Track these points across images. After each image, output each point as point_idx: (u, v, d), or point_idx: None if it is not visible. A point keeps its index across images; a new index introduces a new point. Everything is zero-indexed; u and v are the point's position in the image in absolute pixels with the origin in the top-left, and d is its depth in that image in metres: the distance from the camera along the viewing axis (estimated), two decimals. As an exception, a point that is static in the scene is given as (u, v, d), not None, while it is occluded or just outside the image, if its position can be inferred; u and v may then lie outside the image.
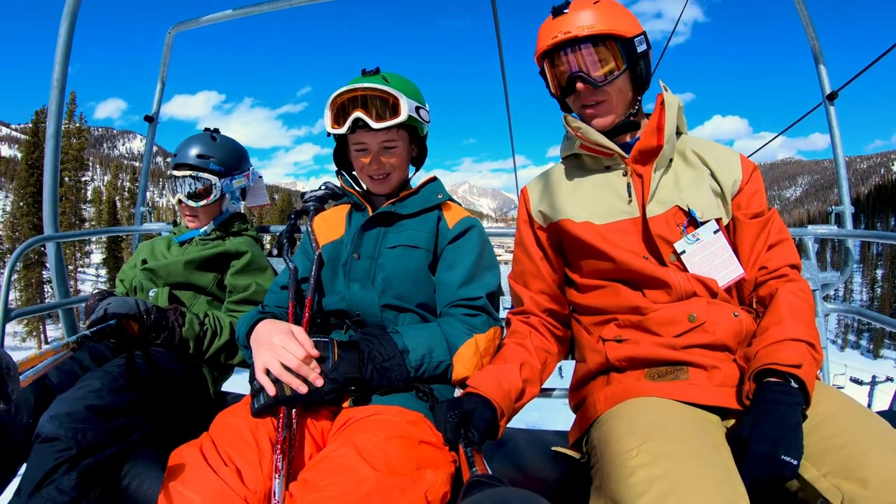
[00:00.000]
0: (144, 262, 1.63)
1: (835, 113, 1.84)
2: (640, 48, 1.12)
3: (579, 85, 1.11)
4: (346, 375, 0.99)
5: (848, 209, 1.81)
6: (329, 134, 1.25)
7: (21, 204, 36.18)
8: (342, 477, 0.80)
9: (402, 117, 1.17)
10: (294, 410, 0.97)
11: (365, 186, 1.32)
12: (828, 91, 1.84)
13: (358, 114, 1.16)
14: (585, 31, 1.09)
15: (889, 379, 24.85)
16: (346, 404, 1.05)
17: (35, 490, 0.98)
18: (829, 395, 0.91)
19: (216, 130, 1.76)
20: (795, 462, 0.78)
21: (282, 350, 0.98)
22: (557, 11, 1.13)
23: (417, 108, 1.22)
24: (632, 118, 1.16)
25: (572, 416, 1.18)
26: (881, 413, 1.07)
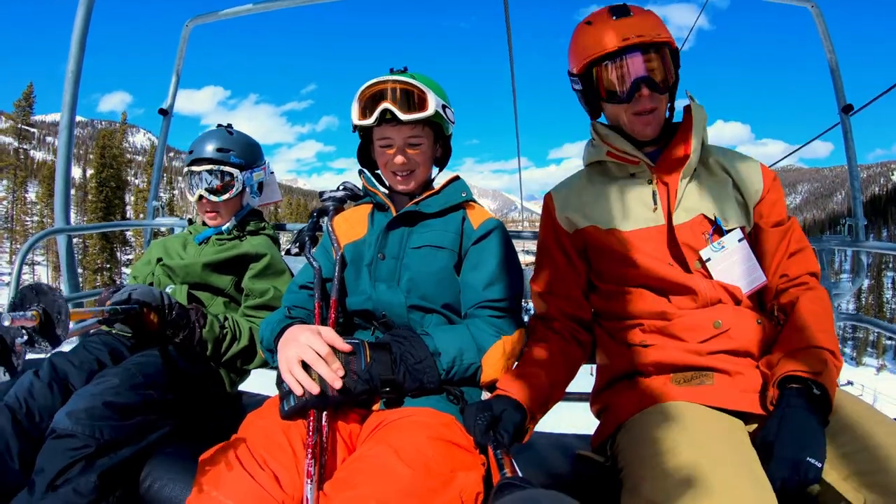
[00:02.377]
0: (160, 260, 1.61)
1: (850, 125, 1.86)
2: (679, 61, 1.14)
3: (645, 90, 1.10)
4: (381, 376, 0.99)
5: (861, 221, 1.83)
6: (355, 129, 1.26)
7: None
8: (376, 475, 0.80)
9: (429, 112, 1.18)
10: (325, 414, 0.95)
11: (388, 185, 1.32)
12: (844, 104, 1.86)
13: (386, 105, 1.16)
14: (655, 38, 1.10)
15: (849, 382, 25.32)
16: (376, 407, 1.05)
17: (49, 488, 0.95)
18: (850, 402, 0.93)
19: (230, 125, 1.75)
20: (820, 465, 0.80)
21: (305, 346, 0.96)
22: (619, 12, 1.12)
23: (444, 107, 1.24)
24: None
25: (590, 420, 1.19)
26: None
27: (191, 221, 1.82)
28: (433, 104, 1.19)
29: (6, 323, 0.62)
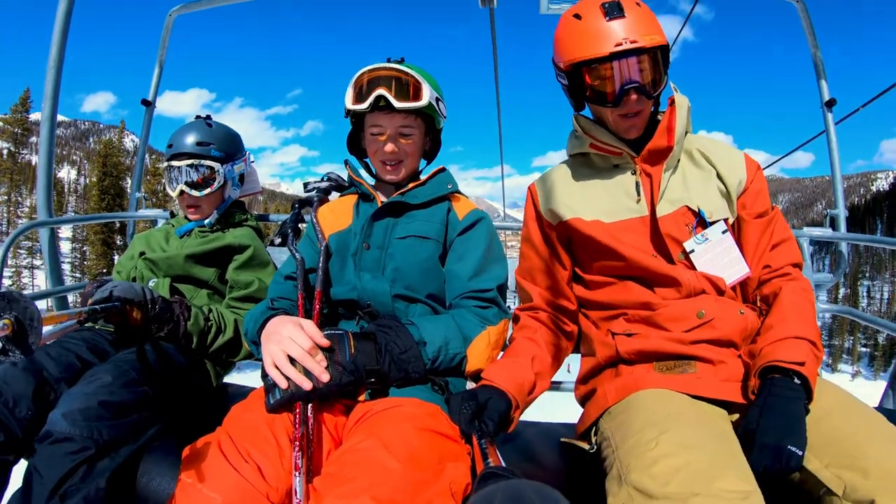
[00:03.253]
0: (143, 253, 1.59)
1: (832, 119, 1.89)
2: (669, 58, 1.13)
3: (633, 95, 1.08)
4: (366, 367, 0.99)
5: (842, 213, 1.86)
6: (347, 114, 1.25)
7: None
8: (368, 469, 0.79)
9: (423, 102, 1.19)
10: (311, 405, 0.95)
11: (374, 174, 1.32)
12: (826, 98, 1.89)
13: (381, 91, 1.16)
14: (649, 43, 1.06)
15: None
16: (361, 397, 1.05)
17: (52, 496, 0.92)
18: (831, 391, 0.95)
19: (209, 117, 1.71)
20: (800, 452, 0.81)
21: (288, 340, 0.96)
22: (612, 11, 1.06)
23: (437, 100, 1.24)
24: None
25: (577, 409, 1.20)
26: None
27: (173, 214, 1.79)
28: (427, 95, 1.19)
29: None
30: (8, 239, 1.77)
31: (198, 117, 1.70)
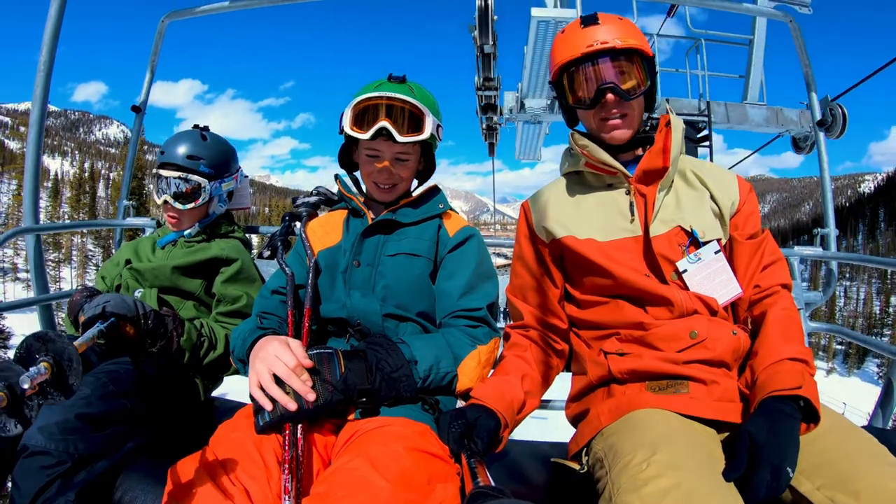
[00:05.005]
0: (128, 262, 1.56)
1: (823, 138, 1.91)
2: (654, 68, 1.16)
3: (609, 96, 1.12)
4: (357, 386, 0.97)
5: (833, 232, 1.88)
6: (342, 132, 1.23)
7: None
8: (357, 490, 0.78)
9: (425, 135, 1.18)
10: (300, 427, 0.93)
11: (365, 190, 1.31)
12: (818, 118, 1.91)
13: (384, 123, 1.14)
14: (621, 44, 1.11)
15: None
16: (350, 417, 1.03)
17: None
18: (823, 413, 0.94)
19: (206, 128, 1.68)
20: (792, 474, 0.81)
21: (273, 358, 0.94)
22: (588, 22, 1.15)
23: (437, 127, 1.23)
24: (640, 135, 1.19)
25: (565, 428, 1.20)
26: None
27: (159, 224, 1.77)
28: (430, 127, 1.18)
29: (25, 386, 0.59)
30: None
31: (195, 127, 1.67)
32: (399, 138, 1.15)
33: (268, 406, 0.92)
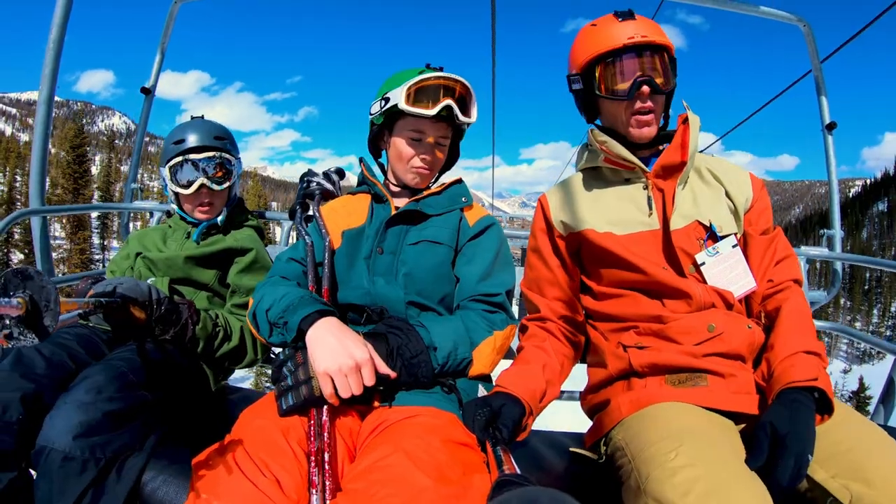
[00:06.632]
0: (139, 253, 1.53)
1: (832, 142, 1.94)
2: (677, 70, 1.19)
3: (645, 88, 1.13)
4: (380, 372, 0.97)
5: (838, 233, 1.91)
6: (383, 113, 1.21)
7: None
8: (398, 487, 0.77)
9: (474, 118, 1.22)
10: (325, 411, 0.92)
11: (395, 176, 1.30)
12: (827, 121, 1.94)
13: (449, 102, 1.17)
14: (659, 40, 1.14)
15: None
16: (375, 403, 1.03)
17: None
18: (835, 406, 0.97)
19: (202, 118, 1.66)
20: (810, 461, 0.84)
21: (364, 360, 0.92)
22: (624, 16, 1.17)
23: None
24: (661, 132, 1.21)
25: (579, 418, 1.21)
26: None
27: (169, 214, 1.71)
28: (475, 112, 1.22)
29: None
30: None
31: (193, 118, 1.64)
32: (462, 118, 1.18)
33: (334, 402, 0.91)
